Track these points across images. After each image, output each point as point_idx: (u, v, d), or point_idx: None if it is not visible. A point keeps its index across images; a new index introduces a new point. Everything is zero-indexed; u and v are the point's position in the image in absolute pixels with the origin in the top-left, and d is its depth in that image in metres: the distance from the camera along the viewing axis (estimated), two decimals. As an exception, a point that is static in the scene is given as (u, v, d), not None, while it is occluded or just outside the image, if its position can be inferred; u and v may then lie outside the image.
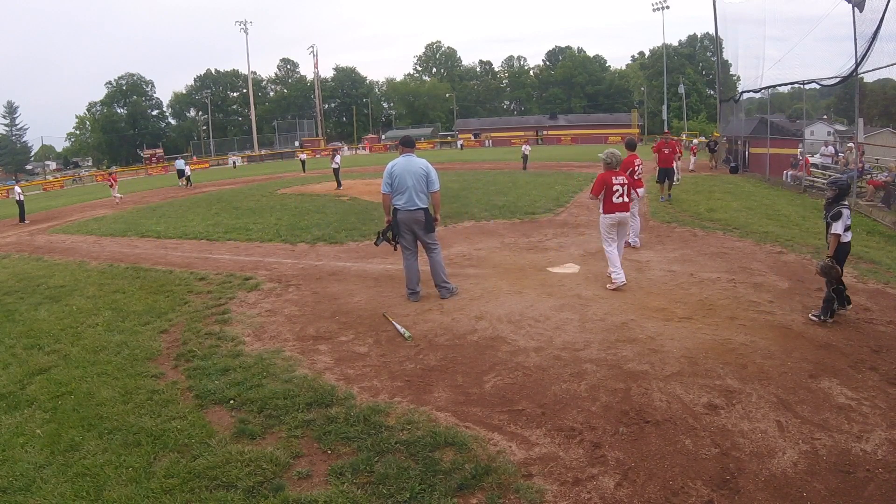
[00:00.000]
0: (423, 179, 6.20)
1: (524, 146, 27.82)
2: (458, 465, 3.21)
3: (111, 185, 24.12)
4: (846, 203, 5.26)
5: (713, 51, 52.32)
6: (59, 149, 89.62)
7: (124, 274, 8.77)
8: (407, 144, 6.45)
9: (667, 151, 13.79)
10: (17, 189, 20.41)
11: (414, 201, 6.21)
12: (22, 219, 18.83)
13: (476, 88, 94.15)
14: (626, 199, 6.66)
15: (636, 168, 8.55)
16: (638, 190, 8.33)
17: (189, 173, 30.53)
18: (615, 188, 6.54)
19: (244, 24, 63.29)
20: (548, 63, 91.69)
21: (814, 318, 5.18)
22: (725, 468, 3.12)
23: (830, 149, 18.63)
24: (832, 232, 5.11)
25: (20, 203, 19.15)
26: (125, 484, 3.21)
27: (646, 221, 11.03)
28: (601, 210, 6.67)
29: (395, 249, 6.66)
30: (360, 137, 78.20)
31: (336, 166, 20.97)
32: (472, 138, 68.53)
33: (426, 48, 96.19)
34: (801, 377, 4.12)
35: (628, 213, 6.82)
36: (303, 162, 35.71)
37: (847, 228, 5.16)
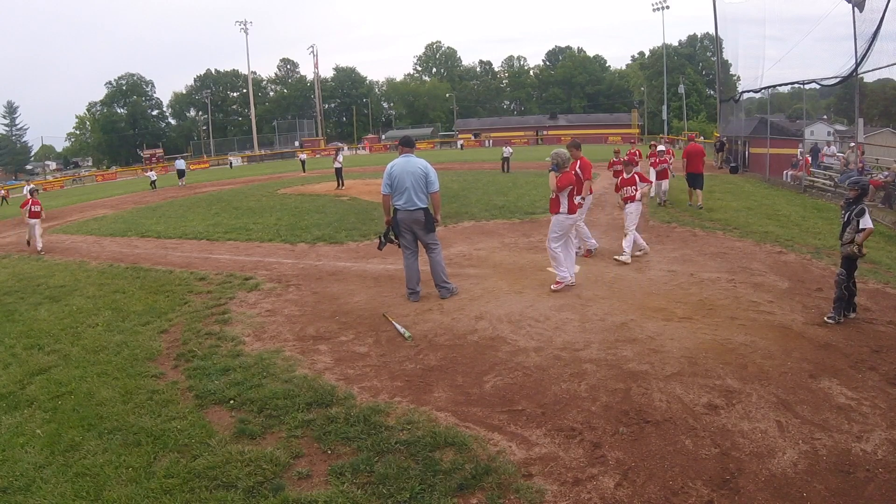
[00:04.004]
0: (422, 179, 6.21)
1: (505, 148, 27.20)
2: (458, 465, 3.21)
3: None
4: (864, 203, 5.28)
5: (713, 51, 52.29)
6: (59, 149, 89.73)
7: (124, 274, 8.78)
8: (406, 144, 6.46)
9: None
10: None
11: (413, 201, 6.22)
12: None
13: (476, 88, 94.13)
14: (580, 200, 6.71)
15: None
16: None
17: (155, 178, 30.53)
18: (574, 188, 6.52)
19: (244, 24, 63.24)
20: (548, 63, 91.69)
21: (830, 320, 5.16)
22: (725, 468, 3.12)
23: (833, 149, 18.62)
24: (864, 226, 5.10)
25: None
26: (125, 484, 3.21)
27: (645, 221, 11.02)
28: (565, 210, 6.49)
29: (400, 247, 6.65)
30: (360, 137, 78.18)
31: (339, 166, 21.01)
32: (472, 138, 68.53)
33: (426, 48, 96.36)
34: (801, 377, 4.12)
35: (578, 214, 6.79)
36: (303, 162, 35.78)
37: None
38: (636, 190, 7.95)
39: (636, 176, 8.09)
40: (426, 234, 6.38)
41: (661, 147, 13.44)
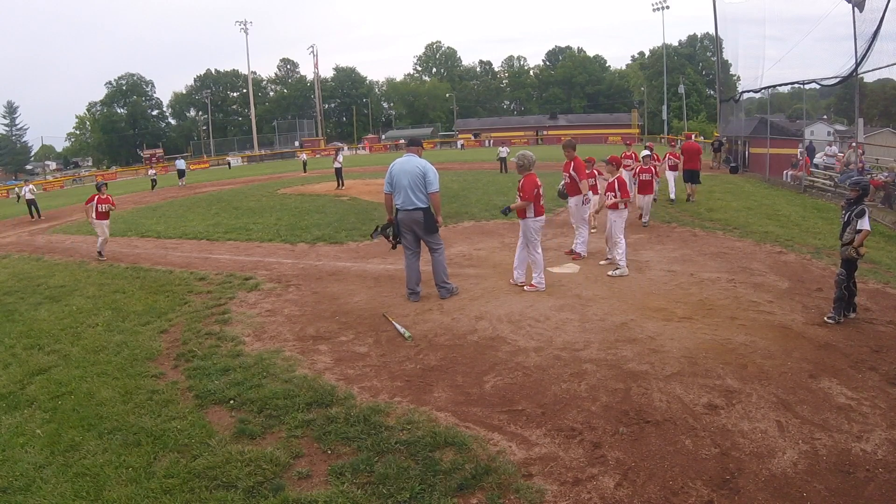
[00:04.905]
0: (419, 179, 6.22)
1: (501, 148, 26.77)
2: (458, 465, 3.21)
3: None
4: (865, 203, 5.29)
5: (713, 51, 52.25)
6: (59, 149, 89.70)
7: (124, 274, 8.77)
8: (411, 144, 6.57)
9: (677, 151, 13.37)
10: (28, 187, 20.74)
11: (411, 200, 6.23)
12: (33, 216, 19.02)
13: (476, 88, 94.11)
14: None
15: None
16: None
17: (155, 177, 30.44)
18: (540, 191, 6.52)
19: (244, 24, 63.15)
20: (548, 63, 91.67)
21: (830, 320, 5.16)
22: (725, 468, 3.12)
23: (834, 149, 18.62)
24: (862, 228, 5.10)
25: (30, 202, 19.26)
26: (125, 484, 3.21)
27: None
28: (532, 214, 6.46)
29: (394, 248, 6.66)
30: (360, 137, 78.16)
31: (338, 166, 21.03)
32: (472, 138, 68.59)
33: (426, 48, 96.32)
34: (801, 377, 4.12)
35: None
36: (304, 162, 35.29)
37: None
38: (616, 197, 7.38)
39: (616, 182, 7.44)
40: (427, 235, 6.39)
41: (645, 152, 11.05)
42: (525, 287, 6.59)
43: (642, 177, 10.47)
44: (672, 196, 13.44)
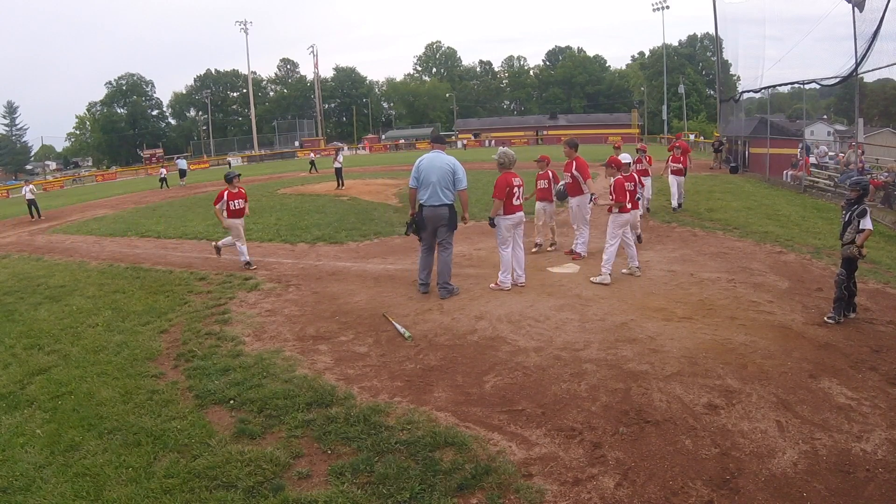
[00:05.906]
0: (448, 176, 6.30)
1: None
2: (458, 465, 3.21)
3: None
4: (865, 203, 5.30)
5: (713, 51, 52.25)
6: (59, 149, 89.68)
7: (124, 274, 8.77)
8: (437, 141, 6.71)
9: (678, 154, 12.42)
10: (28, 187, 20.72)
11: (438, 196, 6.28)
12: (33, 216, 18.96)
13: (476, 88, 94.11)
14: (522, 200, 6.74)
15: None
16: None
17: (165, 175, 29.49)
18: (514, 190, 6.59)
19: (244, 24, 63.12)
20: (548, 63, 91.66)
21: (830, 320, 5.17)
22: (725, 468, 3.12)
23: (823, 149, 18.69)
24: (864, 227, 5.11)
25: (30, 202, 19.24)
26: (125, 484, 3.21)
27: (645, 221, 11.02)
28: (501, 212, 6.55)
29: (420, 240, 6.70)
30: (360, 137, 78.19)
31: (338, 166, 21.04)
32: (472, 138, 68.68)
33: (426, 48, 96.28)
34: (801, 377, 4.12)
35: (523, 214, 6.78)
36: (312, 163, 32.92)
37: None
38: (613, 200, 6.90)
39: (614, 183, 6.94)
40: (448, 232, 6.46)
41: (625, 156, 9.00)
42: (490, 285, 6.67)
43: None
44: (674, 203, 12.21)
